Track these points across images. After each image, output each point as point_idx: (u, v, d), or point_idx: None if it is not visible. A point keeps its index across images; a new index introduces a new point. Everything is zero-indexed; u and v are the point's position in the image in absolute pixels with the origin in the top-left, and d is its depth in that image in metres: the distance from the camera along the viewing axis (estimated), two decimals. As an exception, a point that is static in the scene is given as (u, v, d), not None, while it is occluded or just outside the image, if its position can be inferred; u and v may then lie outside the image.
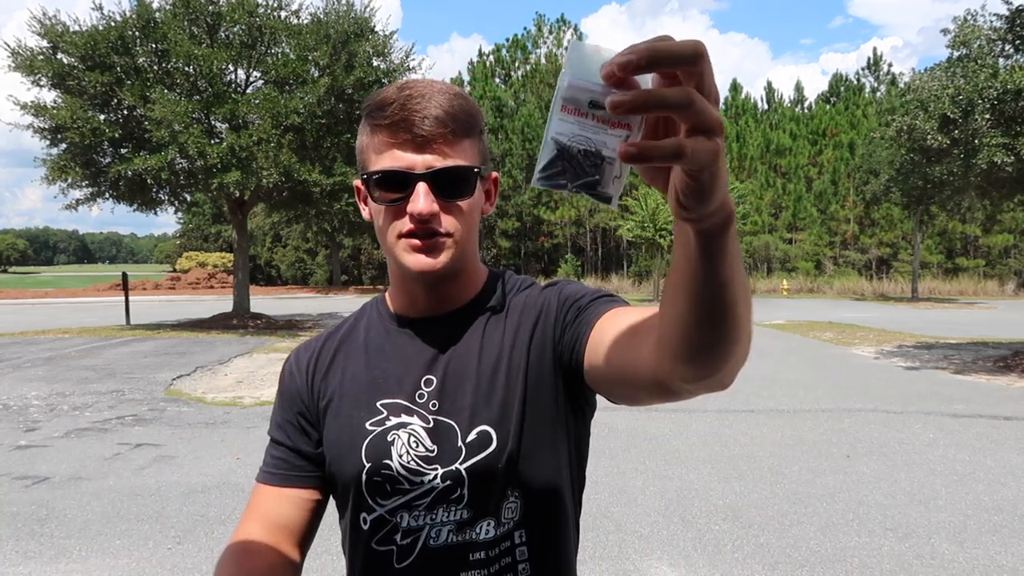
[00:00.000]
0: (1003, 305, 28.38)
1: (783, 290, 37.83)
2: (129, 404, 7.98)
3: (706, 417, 7.18)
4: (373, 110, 0.91)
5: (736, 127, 46.89)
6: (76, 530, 4.23)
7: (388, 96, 0.90)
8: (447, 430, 0.95)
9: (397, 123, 0.89)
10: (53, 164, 15.48)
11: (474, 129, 0.93)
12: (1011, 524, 4.27)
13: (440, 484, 0.94)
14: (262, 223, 40.35)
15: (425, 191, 0.89)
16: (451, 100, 0.90)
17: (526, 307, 1.02)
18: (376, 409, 0.98)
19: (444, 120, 0.89)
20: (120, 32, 14.99)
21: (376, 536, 0.97)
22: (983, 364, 11.03)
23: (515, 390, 0.96)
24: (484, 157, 0.96)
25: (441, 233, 0.92)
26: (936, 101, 10.95)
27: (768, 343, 14.19)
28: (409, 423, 0.96)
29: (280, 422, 1.06)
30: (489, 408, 0.95)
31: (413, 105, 0.88)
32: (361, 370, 1.02)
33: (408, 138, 0.89)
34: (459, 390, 0.97)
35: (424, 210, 0.89)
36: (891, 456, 5.79)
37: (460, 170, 0.91)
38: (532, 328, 0.99)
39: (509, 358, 0.98)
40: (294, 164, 15.10)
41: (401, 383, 0.99)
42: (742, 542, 4.00)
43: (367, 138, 0.94)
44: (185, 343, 13.88)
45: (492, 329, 1.01)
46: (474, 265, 1.03)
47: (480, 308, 1.03)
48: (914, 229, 34.00)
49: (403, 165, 0.90)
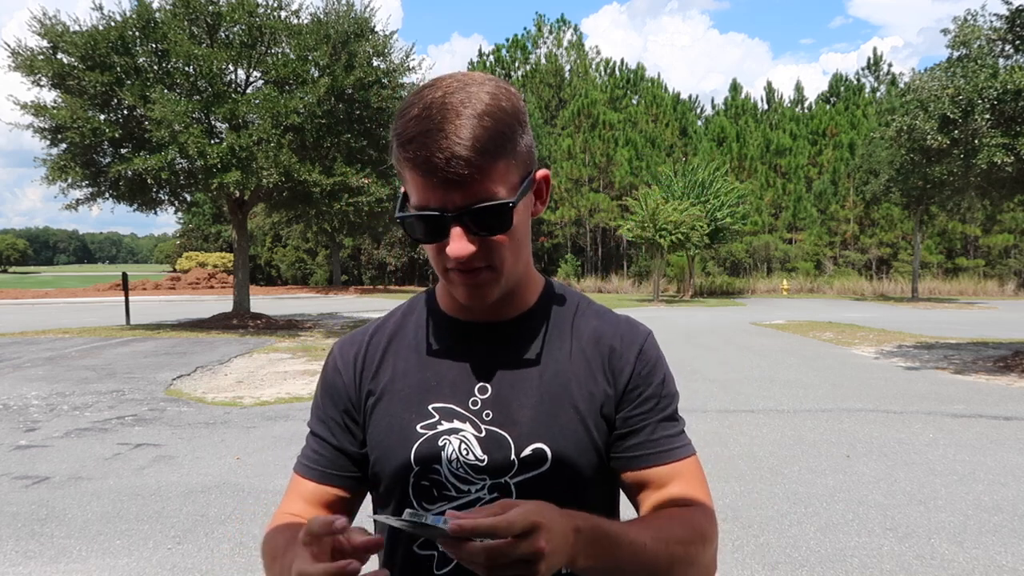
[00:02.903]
0: (1003, 305, 28.39)
1: (783, 290, 37.84)
2: (129, 404, 7.98)
3: (706, 417, 7.17)
4: (399, 142, 0.86)
5: (736, 127, 46.90)
6: (76, 530, 4.23)
7: (408, 129, 0.84)
8: (500, 441, 0.94)
9: (420, 164, 0.83)
10: (53, 164, 15.48)
11: (507, 146, 0.86)
12: (1011, 524, 4.27)
13: (487, 495, 0.92)
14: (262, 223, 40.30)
15: (459, 234, 0.86)
16: (478, 125, 0.82)
17: (600, 341, 1.01)
18: (427, 412, 0.96)
19: (470, 158, 0.82)
20: (120, 32, 15.00)
21: (418, 539, 0.94)
22: (983, 364, 11.03)
23: (580, 419, 0.96)
24: (526, 164, 0.90)
25: (483, 268, 0.89)
26: (936, 101, 10.94)
27: (768, 343, 14.19)
28: (461, 430, 0.94)
29: (324, 418, 1.03)
30: (549, 428, 0.94)
31: (435, 144, 0.82)
32: (412, 370, 0.99)
33: (435, 181, 0.83)
34: (516, 403, 0.95)
35: (461, 254, 0.86)
36: (891, 456, 5.79)
37: (493, 209, 0.86)
38: (606, 371, 0.99)
39: (578, 386, 0.97)
40: (294, 164, 15.10)
41: (454, 388, 0.97)
42: (742, 542, 4.00)
43: (398, 164, 0.89)
44: (185, 343, 13.88)
45: (554, 347, 0.99)
46: (528, 275, 1.00)
47: (538, 320, 1.01)
48: (914, 229, 34.00)
49: (435, 204, 0.85)
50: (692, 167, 34.50)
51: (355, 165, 16.35)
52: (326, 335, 15.88)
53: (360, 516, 1.04)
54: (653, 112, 47.95)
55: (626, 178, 43.07)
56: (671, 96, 49.89)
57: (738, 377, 9.84)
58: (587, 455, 0.96)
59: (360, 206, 17.32)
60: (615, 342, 1.01)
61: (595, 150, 44.45)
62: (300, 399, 8.21)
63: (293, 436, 6.48)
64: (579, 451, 0.95)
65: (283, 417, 7.31)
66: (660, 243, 28.26)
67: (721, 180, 32.60)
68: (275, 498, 4.76)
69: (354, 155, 16.74)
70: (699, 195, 31.74)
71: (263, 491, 4.93)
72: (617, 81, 50.30)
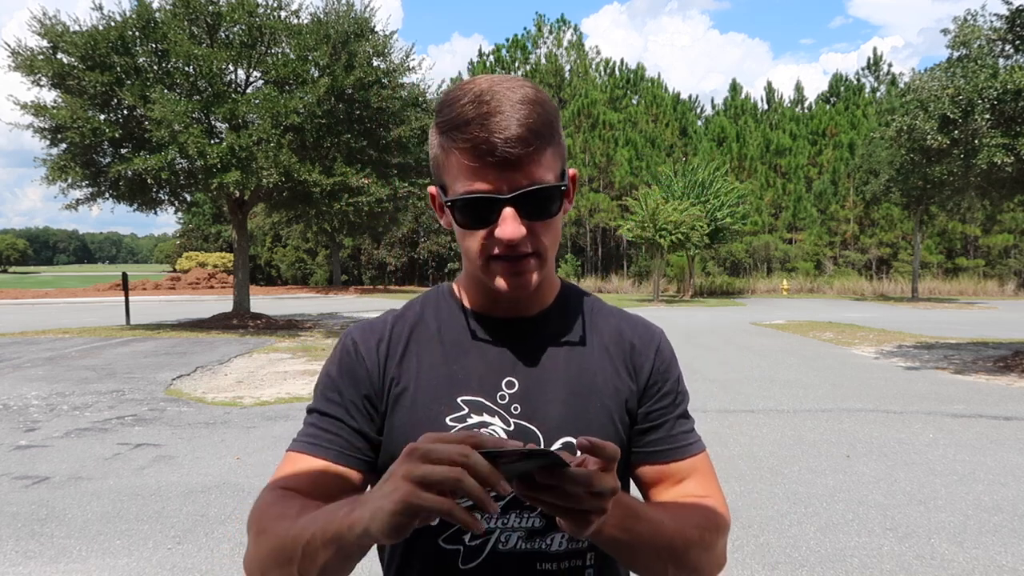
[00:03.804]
0: (1003, 305, 28.39)
1: (783, 290, 37.84)
2: (129, 404, 7.98)
3: (706, 417, 7.17)
4: (449, 128, 0.87)
5: (736, 127, 46.92)
6: (76, 530, 4.23)
7: (465, 112, 0.85)
8: (529, 435, 0.94)
9: (478, 145, 0.84)
10: (53, 164, 15.49)
11: (554, 136, 0.89)
12: (1011, 524, 4.27)
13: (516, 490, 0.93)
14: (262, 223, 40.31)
15: (512, 215, 0.87)
16: (531, 111, 0.85)
17: (621, 338, 1.04)
18: (457, 405, 0.95)
19: (527, 138, 0.84)
20: (120, 32, 15.00)
21: (444, 533, 0.94)
22: (983, 364, 11.03)
23: (607, 413, 0.98)
24: (563, 159, 0.93)
25: (530, 254, 0.90)
26: (936, 101, 10.94)
27: (768, 343, 14.20)
28: (490, 423, 0.94)
29: (340, 401, 1.00)
30: (578, 422, 0.96)
31: (493, 125, 0.84)
32: (438, 363, 0.98)
33: (491, 161, 0.85)
34: (543, 397, 0.96)
35: (514, 236, 0.87)
36: (891, 456, 5.79)
37: (547, 191, 0.88)
38: (628, 367, 1.02)
39: (604, 381, 1.00)
40: (294, 164, 15.10)
41: (482, 382, 0.97)
42: (742, 542, 4.00)
43: (443, 153, 0.89)
44: (185, 343, 13.88)
45: (577, 343, 1.02)
46: (552, 270, 1.02)
47: (559, 316, 1.03)
48: (914, 229, 34.01)
49: (488, 189, 0.86)
50: (692, 167, 34.51)
51: (355, 165, 16.34)
52: (326, 335, 15.87)
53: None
54: (653, 112, 47.97)
55: (626, 178, 43.10)
56: (671, 96, 49.91)
57: (738, 377, 9.84)
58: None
59: (360, 206, 17.33)
60: (635, 339, 1.05)
61: (595, 150, 44.47)
62: (300, 399, 8.21)
63: (293, 436, 6.47)
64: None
65: (283, 417, 7.31)
66: (660, 243, 28.26)
67: (721, 180, 32.61)
68: (275, 498, 4.75)
69: (354, 155, 16.73)
70: (699, 195, 31.75)
71: (263, 491, 4.92)
72: (617, 81, 50.30)
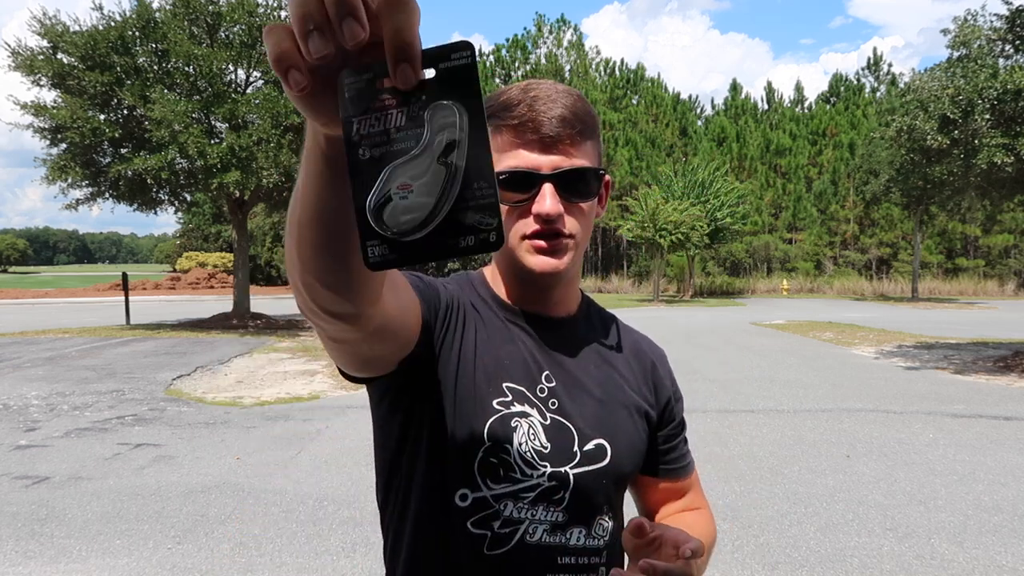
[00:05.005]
0: (1003, 305, 28.40)
1: (783, 290, 37.85)
2: (129, 404, 7.98)
3: (706, 417, 7.17)
4: (498, 110, 0.91)
5: (736, 127, 46.91)
6: (76, 530, 4.23)
7: (513, 97, 0.91)
8: (564, 431, 0.96)
9: (524, 123, 0.89)
10: (53, 164, 15.47)
11: (595, 131, 0.94)
12: (1011, 524, 4.27)
13: (546, 483, 0.93)
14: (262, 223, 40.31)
15: (551, 192, 0.90)
16: (575, 102, 0.91)
17: (642, 354, 1.11)
18: (503, 390, 0.94)
19: (571, 121, 0.90)
20: (120, 32, 15.00)
21: (474, 517, 0.91)
22: (983, 364, 11.03)
23: (633, 422, 1.03)
24: (600, 160, 0.97)
25: (564, 234, 0.92)
26: (936, 101, 10.94)
27: (768, 343, 14.20)
28: (530, 414, 0.95)
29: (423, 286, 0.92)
30: (609, 426, 0.99)
31: (540, 106, 0.89)
32: (492, 343, 0.96)
33: (535, 139, 0.90)
34: (579, 397, 0.98)
35: (552, 211, 0.89)
36: (891, 456, 5.79)
37: (585, 171, 0.92)
38: (649, 383, 1.09)
39: (632, 391, 1.05)
40: (294, 164, 15.09)
41: (525, 371, 0.97)
42: (742, 542, 4.00)
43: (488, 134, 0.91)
44: (185, 343, 13.88)
45: (606, 351, 1.06)
46: (578, 276, 1.05)
47: (587, 323, 1.06)
48: (914, 229, 34.02)
49: (529, 165, 0.90)
50: (692, 167, 34.52)
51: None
52: (326, 335, 15.84)
53: (362, 515, 1.04)
54: (653, 112, 47.96)
55: (626, 178, 43.06)
56: (671, 96, 49.89)
57: (738, 377, 9.84)
58: (636, 457, 1.04)
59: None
60: (654, 358, 1.12)
61: (595, 150, 44.42)
62: (300, 399, 8.21)
63: (293, 436, 6.48)
64: (631, 452, 1.02)
65: (283, 417, 7.31)
66: (660, 243, 28.26)
67: (721, 180, 32.61)
68: (275, 498, 4.76)
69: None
70: (699, 195, 31.75)
71: (263, 491, 4.93)
72: (617, 81, 50.29)
